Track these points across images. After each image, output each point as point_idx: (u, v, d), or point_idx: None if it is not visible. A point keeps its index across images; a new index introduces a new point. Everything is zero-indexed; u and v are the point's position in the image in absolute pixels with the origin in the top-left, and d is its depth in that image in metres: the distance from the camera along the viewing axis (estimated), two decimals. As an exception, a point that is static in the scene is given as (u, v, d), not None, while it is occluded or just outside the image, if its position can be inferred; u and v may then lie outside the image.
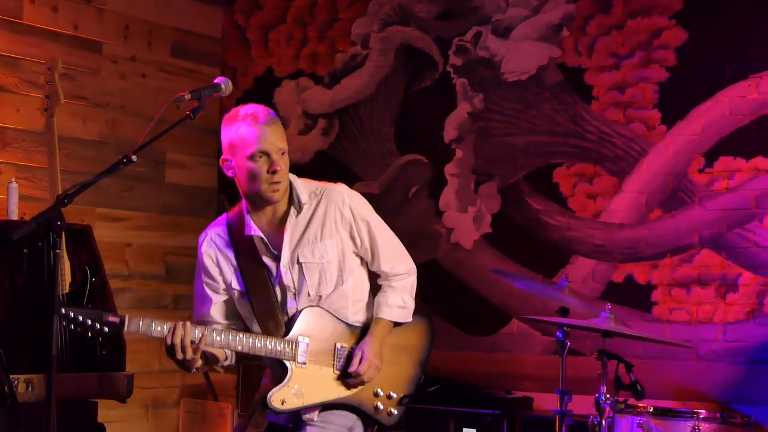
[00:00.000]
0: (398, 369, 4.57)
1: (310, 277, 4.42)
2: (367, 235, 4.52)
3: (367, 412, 4.48)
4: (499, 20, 6.76)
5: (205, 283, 4.50)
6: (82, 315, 4.03)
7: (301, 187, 4.43)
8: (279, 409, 4.31)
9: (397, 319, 4.56)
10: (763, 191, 6.11)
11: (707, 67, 6.25)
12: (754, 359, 6.06)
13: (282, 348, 4.32)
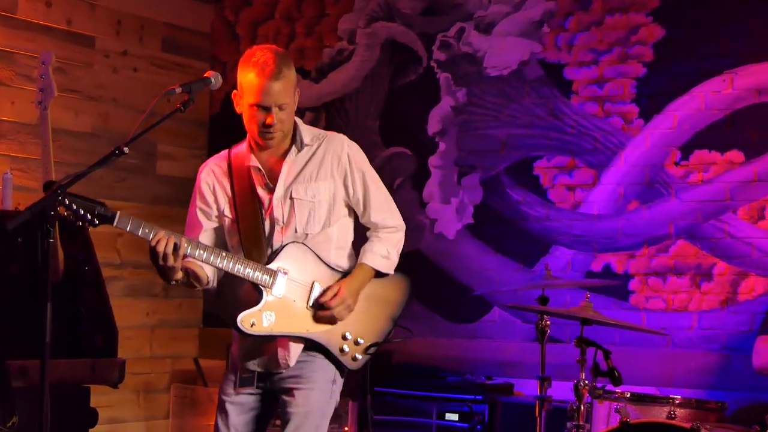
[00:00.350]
0: (370, 318, 4.56)
1: (300, 214, 4.44)
2: (361, 184, 4.55)
3: (332, 352, 4.46)
4: (481, 17, 6.76)
5: (199, 208, 4.52)
6: (77, 204, 4.02)
7: (305, 130, 4.51)
8: (248, 330, 4.30)
9: (379, 268, 4.56)
10: (737, 184, 6.12)
11: (683, 63, 6.26)
12: (728, 347, 6.07)
13: (260, 276, 4.33)
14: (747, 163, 6.12)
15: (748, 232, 6.10)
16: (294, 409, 4.42)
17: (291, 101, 4.39)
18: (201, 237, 4.48)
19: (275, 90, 4.32)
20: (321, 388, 4.47)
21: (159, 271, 4.30)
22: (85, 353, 5.56)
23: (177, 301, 7.26)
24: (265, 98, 4.33)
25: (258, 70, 4.33)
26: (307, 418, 4.43)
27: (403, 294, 4.72)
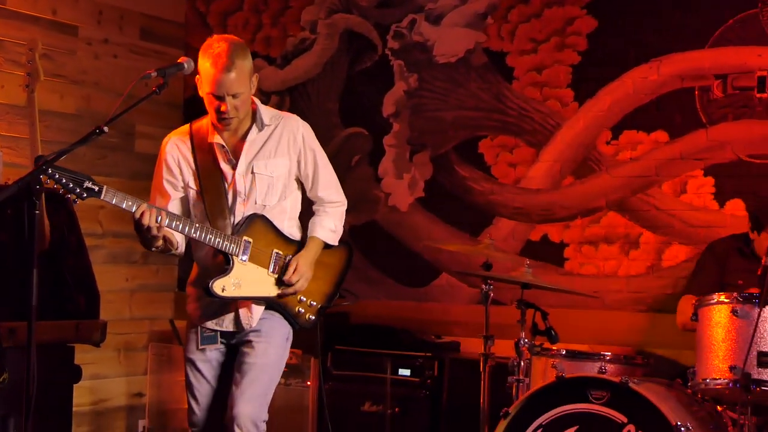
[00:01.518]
0: (320, 284, 4.66)
1: (260, 187, 4.50)
2: (312, 161, 4.62)
3: (290, 312, 4.57)
4: (431, 9, 6.74)
5: (166, 180, 4.53)
6: (66, 177, 3.99)
7: (264, 111, 4.57)
8: (219, 294, 4.36)
9: (328, 241, 4.67)
10: (661, 161, 6.14)
11: (614, 52, 6.27)
12: (654, 308, 6.10)
13: (229, 245, 4.37)
14: (671, 142, 6.13)
15: (672, 205, 6.12)
16: (252, 360, 4.48)
17: (245, 89, 4.41)
18: (169, 206, 4.49)
19: (228, 81, 4.35)
20: (277, 344, 4.56)
21: (141, 240, 4.32)
22: (70, 315, 5.54)
23: (154, 268, 7.23)
24: (218, 89, 4.36)
25: (212, 61, 4.36)
26: (264, 369, 4.50)
27: (345, 261, 4.82)
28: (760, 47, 5.94)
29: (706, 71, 6.06)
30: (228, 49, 4.36)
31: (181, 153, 4.55)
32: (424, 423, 6.07)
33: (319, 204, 4.71)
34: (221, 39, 4.43)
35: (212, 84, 4.36)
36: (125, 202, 4.17)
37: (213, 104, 4.41)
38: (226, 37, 4.46)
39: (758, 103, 5.95)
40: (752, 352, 4.49)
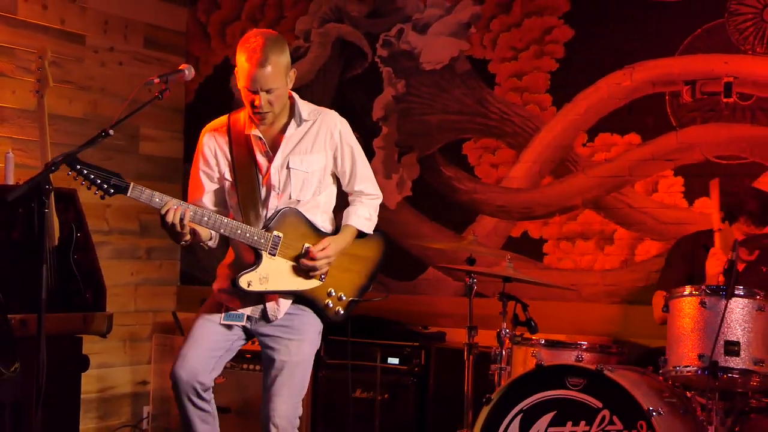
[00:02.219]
0: (352, 276, 4.51)
1: (295, 182, 4.35)
2: (349, 157, 4.47)
3: (318, 306, 4.41)
4: (418, 19, 6.74)
5: (202, 170, 4.41)
6: (94, 174, 3.99)
7: (302, 106, 4.40)
8: (245, 289, 4.22)
9: (362, 228, 4.50)
10: (634, 162, 6.15)
11: (589, 60, 6.27)
12: (627, 300, 6.11)
13: (258, 239, 4.24)
14: (643, 144, 6.14)
15: (644, 203, 6.13)
16: (287, 357, 4.34)
17: (279, 85, 4.24)
18: (204, 198, 4.40)
19: (261, 76, 4.19)
20: (311, 340, 4.43)
21: (169, 235, 4.18)
22: (78, 308, 5.52)
23: (158, 263, 7.22)
24: (252, 84, 4.22)
25: (247, 55, 4.22)
26: (299, 366, 4.37)
27: (380, 252, 4.66)
28: (727, 55, 5.95)
29: (675, 77, 6.06)
30: (263, 44, 4.20)
31: (218, 144, 4.41)
32: (412, 408, 6.07)
33: (356, 196, 4.56)
34: (258, 33, 4.26)
35: (247, 79, 4.21)
36: (152, 199, 4.10)
37: (248, 98, 4.26)
38: (263, 32, 4.29)
39: (725, 107, 5.95)
40: (719, 342, 4.50)
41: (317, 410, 6.14)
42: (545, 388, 4.69)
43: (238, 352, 4.54)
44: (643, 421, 4.45)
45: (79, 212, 5.71)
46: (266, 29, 4.42)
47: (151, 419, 6.63)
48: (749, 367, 4.52)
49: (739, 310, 4.55)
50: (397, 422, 6.06)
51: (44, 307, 3.81)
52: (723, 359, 4.50)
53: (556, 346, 5.08)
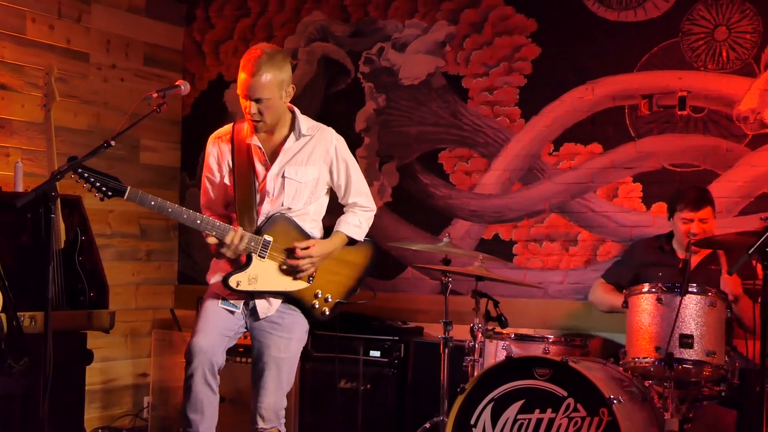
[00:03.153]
0: (339, 279, 4.50)
1: (288, 190, 4.33)
2: (344, 172, 4.46)
3: (305, 306, 4.40)
4: (397, 38, 6.74)
5: (206, 176, 4.43)
6: (94, 177, 3.99)
7: (302, 121, 4.38)
8: (234, 288, 4.22)
9: (352, 235, 4.48)
10: (596, 170, 6.16)
11: (555, 75, 6.28)
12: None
13: (249, 244, 4.23)
14: (604, 153, 6.16)
15: (606, 208, 6.14)
16: (276, 354, 4.34)
17: (271, 96, 4.21)
18: (212, 200, 4.41)
19: (252, 85, 4.18)
20: (298, 338, 4.43)
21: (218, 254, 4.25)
22: (82, 305, 5.50)
23: (156, 264, 7.20)
24: (245, 92, 4.21)
25: (243, 65, 4.23)
26: (286, 362, 4.37)
27: (369, 259, 4.65)
28: (681, 71, 5.97)
29: (634, 92, 6.08)
30: (259, 56, 4.20)
31: (221, 151, 4.40)
32: (392, 398, 6.07)
33: (350, 207, 4.55)
34: (260, 47, 4.26)
35: (239, 86, 4.23)
36: (149, 202, 4.12)
37: (243, 105, 4.25)
38: (264, 46, 4.28)
39: (679, 119, 5.98)
40: (674, 335, 4.53)
41: (305, 400, 6.13)
42: (515, 378, 4.70)
43: (233, 347, 4.52)
44: (604, 408, 4.46)
45: (83, 217, 5.70)
46: (271, 45, 4.39)
47: (150, 409, 6.61)
48: (702, 359, 4.55)
49: (692, 306, 4.58)
50: (378, 410, 6.06)
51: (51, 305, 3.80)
52: (678, 351, 4.53)
53: (525, 339, 5.09)
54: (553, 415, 4.58)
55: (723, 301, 4.68)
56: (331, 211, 4.63)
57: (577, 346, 5.11)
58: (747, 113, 5.84)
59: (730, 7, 5.89)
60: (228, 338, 4.36)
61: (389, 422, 6.03)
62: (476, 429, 4.70)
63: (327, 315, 4.48)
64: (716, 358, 4.57)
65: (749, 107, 5.83)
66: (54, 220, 3.76)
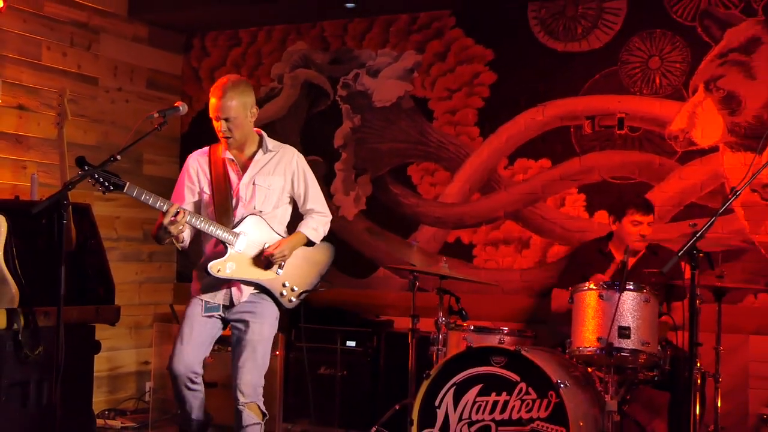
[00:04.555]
0: (303, 273, 4.60)
1: (259, 195, 4.46)
2: (303, 182, 4.59)
3: (275, 294, 4.50)
4: (371, 65, 6.75)
5: (187, 186, 4.50)
6: (98, 174, 4.04)
7: (268, 140, 4.55)
8: (214, 274, 4.33)
9: (309, 236, 4.60)
10: (546, 182, 6.19)
11: (509, 99, 6.30)
12: (540, 293, 6.14)
13: (228, 236, 4.35)
14: (553, 167, 6.18)
15: (554, 215, 6.17)
16: (251, 337, 4.42)
17: (237, 116, 4.34)
18: (185, 206, 4.44)
19: (221, 107, 4.32)
20: (270, 323, 4.49)
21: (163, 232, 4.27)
22: (91, 301, 5.49)
23: (158, 264, 7.17)
24: (215, 113, 4.35)
25: (212, 90, 4.37)
26: (260, 344, 4.44)
27: (328, 257, 4.76)
28: (620, 95, 6.01)
29: (579, 113, 6.11)
30: (225, 83, 4.35)
31: (200, 165, 4.51)
32: (366, 382, 6.06)
33: (308, 214, 4.65)
34: (226, 76, 4.42)
35: (211, 109, 4.36)
36: (144, 196, 4.20)
37: (215, 126, 4.38)
38: (231, 75, 4.44)
39: (618, 137, 6.01)
40: (614, 327, 4.54)
41: (288, 384, 6.11)
42: (474, 365, 4.70)
43: (224, 338, 4.63)
44: (552, 392, 4.48)
45: (92, 223, 5.68)
46: (236, 75, 4.53)
47: (152, 393, 6.57)
48: (638, 348, 4.56)
49: (629, 301, 4.60)
50: (354, 394, 6.05)
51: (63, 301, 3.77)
52: (617, 341, 4.54)
53: (483, 331, 5.09)
54: (507, 397, 4.58)
55: (656, 298, 4.70)
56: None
57: (528, 336, 5.12)
58: (677, 133, 5.88)
59: (663, 39, 5.93)
60: (205, 348, 4.49)
61: (363, 404, 6.03)
62: (440, 410, 4.70)
63: (293, 302, 4.57)
64: (650, 347, 4.58)
65: (679, 127, 5.87)
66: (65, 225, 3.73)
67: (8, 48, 6.03)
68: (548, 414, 4.47)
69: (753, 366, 5.60)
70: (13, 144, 6.07)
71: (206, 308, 4.46)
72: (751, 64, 5.71)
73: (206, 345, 4.49)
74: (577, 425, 4.41)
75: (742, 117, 5.72)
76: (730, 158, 5.73)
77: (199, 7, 6.78)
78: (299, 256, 4.57)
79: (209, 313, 4.45)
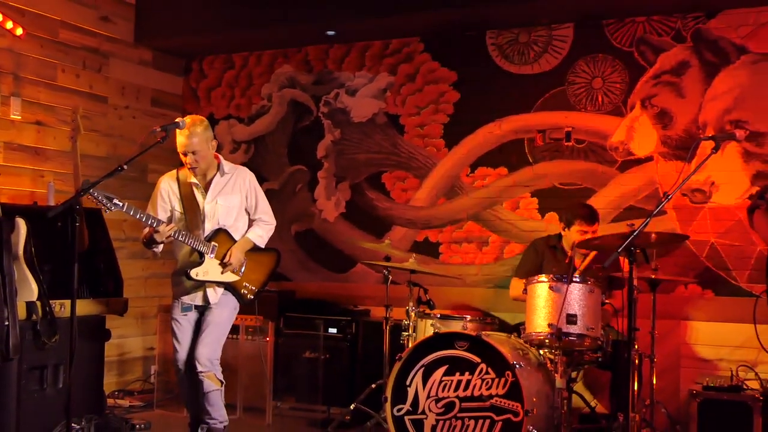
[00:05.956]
0: (257, 275, 4.84)
1: (221, 212, 4.70)
2: (254, 197, 4.83)
3: (238, 292, 4.76)
4: (349, 86, 6.74)
5: (160, 205, 4.71)
6: (100, 195, 4.15)
7: (225, 164, 4.76)
8: (195, 278, 4.59)
9: (254, 241, 4.82)
10: (503, 188, 6.20)
11: (471, 115, 6.31)
12: (498, 285, 6.15)
13: (202, 246, 4.60)
14: (509, 175, 6.20)
15: (510, 217, 6.18)
16: (210, 319, 4.70)
17: (201, 149, 4.59)
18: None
19: (185, 144, 4.57)
20: (229, 310, 4.80)
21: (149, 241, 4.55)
22: (102, 294, 5.46)
23: (161, 261, 7.10)
24: (182, 149, 4.60)
25: (179, 133, 4.58)
26: (217, 325, 4.71)
27: (275, 262, 4.97)
28: (567, 112, 6.04)
29: (531, 127, 6.13)
30: (190, 124, 4.56)
31: (170, 188, 4.71)
32: (346, 365, 6.04)
33: (256, 221, 4.86)
34: (192, 116, 4.63)
35: (179, 146, 4.60)
36: (138, 215, 4.39)
37: (182, 159, 4.64)
38: (195, 117, 4.64)
39: (566, 149, 6.04)
40: (562, 314, 4.55)
41: (277, 367, 6.09)
42: (440, 349, 4.70)
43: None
44: (509, 371, 4.48)
45: (103, 226, 5.65)
46: (199, 116, 4.71)
47: (156, 375, 6.53)
48: (584, 332, 4.58)
49: (576, 292, 4.61)
50: (335, 375, 6.03)
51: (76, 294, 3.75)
52: (565, 327, 4.55)
53: (448, 318, 5.09)
54: (470, 377, 4.58)
55: (599, 288, 4.72)
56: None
57: (488, 323, 5.13)
58: (617, 144, 5.91)
59: (604, 63, 5.96)
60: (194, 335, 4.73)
61: (344, 384, 6.01)
62: (410, 388, 4.70)
63: (251, 299, 4.80)
64: (594, 332, 4.60)
65: (619, 140, 5.90)
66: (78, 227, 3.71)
67: (27, 70, 5.99)
68: (505, 391, 4.47)
69: (684, 348, 5.64)
70: (32, 155, 6.02)
71: (182, 308, 4.74)
72: (681, 84, 5.75)
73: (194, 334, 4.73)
74: (530, 401, 4.42)
75: (673, 130, 5.76)
76: (663, 166, 5.77)
77: (198, 34, 6.76)
78: (252, 260, 4.78)
79: (185, 312, 4.73)
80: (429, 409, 4.61)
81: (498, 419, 4.46)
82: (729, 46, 5.64)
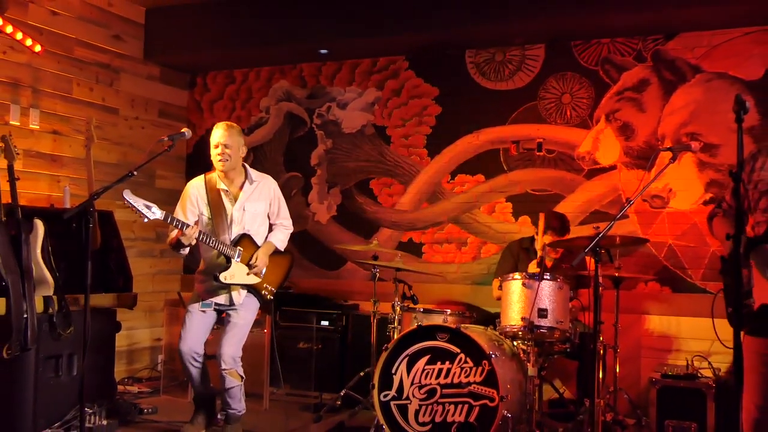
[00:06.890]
0: (275, 276, 4.78)
1: (247, 218, 4.63)
2: (278, 203, 4.79)
3: (260, 293, 4.69)
4: (341, 99, 6.74)
5: (189, 209, 4.61)
6: (136, 203, 4.12)
7: (252, 172, 4.71)
8: (224, 281, 4.52)
9: (276, 245, 4.77)
10: (480, 193, 6.21)
11: (451, 126, 6.33)
12: (476, 282, 6.16)
13: (229, 251, 4.53)
14: (486, 181, 6.21)
15: (486, 220, 6.19)
16: (235, 320, 4.61)
17: (233, 144, 4.55)
18: None
19: (222, 135, 4.54)
20: (252, 310, 4.70)
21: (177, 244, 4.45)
22: (113, 290, 5.43)
23: (167, 259, 7.10)
24: (215, 139, 4.54)
25: (216, 127, 4.57)
26: (241, 326, 4.62)
27: (290, 264, 4.92)
28: (538, 124, 6.05)
29: (506, 138, 6.15)
30: (228, 125, 4.60)
31: (199, 193, 4.62)
32: (336, 355, 6.04)
33: (277, 225, 4.81)
34: (228, 122, 4.66)
35: (214, 138, 4.55)
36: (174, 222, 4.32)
37: (213, 152, 4.56)
38: (232, 123, 4.67)
39: (537, 158, 6.05)
40: (534, 309, 4.56)
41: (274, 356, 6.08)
42: (423, 340, 4.69)
43: (223, 319, 4.76)
44: (486, 361, 4.48)
45: (114, 226, 5.63)
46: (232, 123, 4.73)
47: (163, 364, 6.51)
48: (553, 325, 4.58)
49: (547, 288, 4.62)
50: (326, 364, 6.03)
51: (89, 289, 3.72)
52: (537, 320, 4.56)
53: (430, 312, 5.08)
54: (450, 366, 4.59)
55: (567, 285, 4.73)
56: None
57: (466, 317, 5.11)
58: (584, 154, 5.93)
59: (572, 80, 5.98)
60: (204, 332, 4.67)
61: (334, 372, 6.01)
62: (396, 376, 4.69)
63: (270, 298, 4.76)
64: (563, 325, 4.60)
65: (585, 150, 5.92)
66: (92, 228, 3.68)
67: (45, 84, 5.96)
68: (482, 379, 4.47)
69: (644, 339, 5.66)
70: (49, 162, 5.99)
71: (202, 305, 4.64)
72: (642, 100, 5.78)
73: (204, 332, 4.66)
74: (505, 387, 4.42)
75: (635, 142, 5.78)
76: (626, 175, 5.79)
77: (201, 52, 6.75)
78: (271, 262, 4.72)
79: (204, 309, 4.63)
80: (413, 395, 4.61)
81: (475, 404, 4.46)
82: (685, 66, 5.68)
